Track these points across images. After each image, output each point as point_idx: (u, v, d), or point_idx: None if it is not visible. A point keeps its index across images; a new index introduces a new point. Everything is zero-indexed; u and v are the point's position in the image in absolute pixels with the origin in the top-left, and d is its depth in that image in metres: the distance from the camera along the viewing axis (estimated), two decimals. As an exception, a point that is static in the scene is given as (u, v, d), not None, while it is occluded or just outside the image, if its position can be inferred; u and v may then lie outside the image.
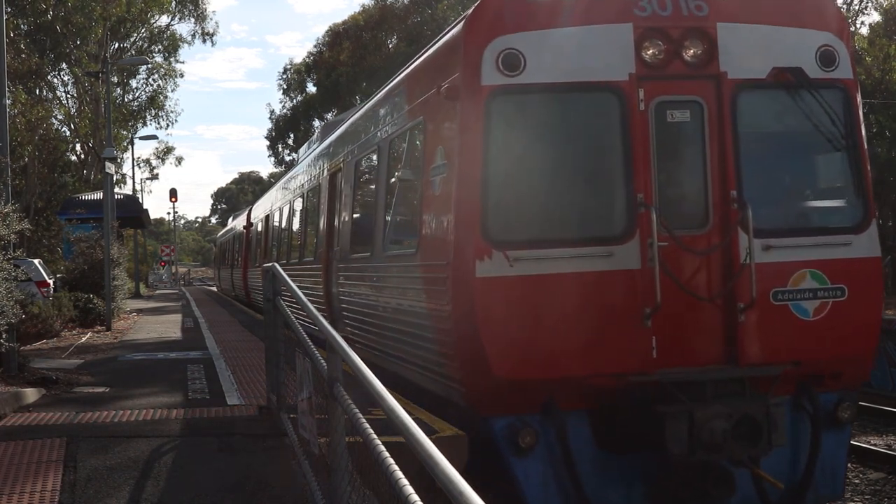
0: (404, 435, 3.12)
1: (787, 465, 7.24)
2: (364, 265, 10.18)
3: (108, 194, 21.79)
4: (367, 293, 10.01)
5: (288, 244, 17.81)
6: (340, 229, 11.78)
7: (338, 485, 4.63)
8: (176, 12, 50.14)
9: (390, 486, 3.07)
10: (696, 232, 7.09)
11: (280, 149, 67.77)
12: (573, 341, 6.80)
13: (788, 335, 7.10)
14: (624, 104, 6.98)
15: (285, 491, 6.06)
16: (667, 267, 6.81)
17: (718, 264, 7.08)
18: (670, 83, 7.12)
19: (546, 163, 7.26)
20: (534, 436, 6.80)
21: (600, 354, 6.82)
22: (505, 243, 6.80)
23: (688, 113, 7.15)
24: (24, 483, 6.29)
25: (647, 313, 6.79)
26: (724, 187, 7.08)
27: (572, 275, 6.87)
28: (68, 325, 18.53)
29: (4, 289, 10.02)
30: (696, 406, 6.59)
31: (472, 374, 6.92)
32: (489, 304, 6.75)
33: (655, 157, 7.02)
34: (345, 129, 12.56)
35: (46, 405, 9.37)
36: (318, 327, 5.27)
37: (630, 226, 6.94)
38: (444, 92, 7.23)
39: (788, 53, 7.27)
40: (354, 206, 11.39)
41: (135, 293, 40.15)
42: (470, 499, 2.44)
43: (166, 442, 7.42)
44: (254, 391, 10.00)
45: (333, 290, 11.99)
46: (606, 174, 7.27)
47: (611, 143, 7.13)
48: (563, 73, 6.99)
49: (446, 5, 49.78)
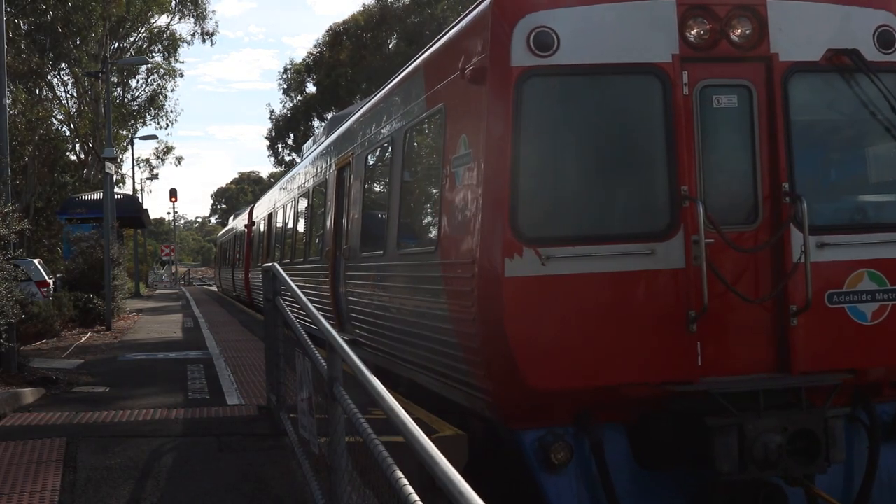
0: (404, 435, 3.12)
1: (841, 482, 6.66)
2: (375, 264, 9.66)
3: (108, 194, 21.79)
4: (379, 294, 9.50)
5: (292, 243, 17.35)
6: (349, 227, 11.23)
7: (338, 485, 4.63)
8: (176, 12, 50.16)
9: (390, 486, 3.07)
10: (745, 228, 6.53)
11: (280, 149, 67.73)
12: (610, 347, 6.24)
13: (844, 341, 6.52)
14: (666, 88, 6.41)
15: (285, 491, 6.06)
16: (714, 266, 6.27)
17: (768, 263, 6.52)
18: (716, 66, 6.55)
19: (581, 151, 6.73)
20: (567, 450, 6.26)
21: (640, 362, 6.27)
22: (537, 240, 6.24)
23: (735, 98, 6.58)
24: (24, 483, 6.29)
25: (692, 317, 6.24)
26: (775, 179, 6.52)
27: (610, 275, 6.31)
28: (68, 325, 18.54)
29: (4, 289, 10.02)
30: (747, 419, 6.05)
31: (500, 384, 6.35)
32: (519, 306, 6.17)
33: (700, 146, 6.47)
34: (353, 122, 11.94)
35: (46, 405, 9.37)
36: (319, 327, 5.26)
37: (673, 221, 6.36)
38: (468, 75, 6.69)
39: (844, 34, 6.69)
40: (364, 201, 10.75)
41: (135, 293, 40.14)
42: (470, 499, 2.44)
43: (166, 442, 7.42)
44: (254, 391, 10.01)
45: (341, 291, 11.51)
46: (647, 164, 6.64)
47: (652, 130, 6.53)
48: (600, 53, 6.39)
49: (446, 5, 49.78)
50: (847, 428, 6.49)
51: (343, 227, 11.63)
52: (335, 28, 59.46)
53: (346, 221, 11.45)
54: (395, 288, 8.87)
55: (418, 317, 7.95)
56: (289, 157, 65.26)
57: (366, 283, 10.11)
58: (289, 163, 62.27)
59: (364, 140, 10.83)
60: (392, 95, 9.67)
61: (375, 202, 10.63)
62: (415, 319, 8.07)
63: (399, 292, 8.75)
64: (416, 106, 8.45)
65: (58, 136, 40.21)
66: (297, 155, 61.48)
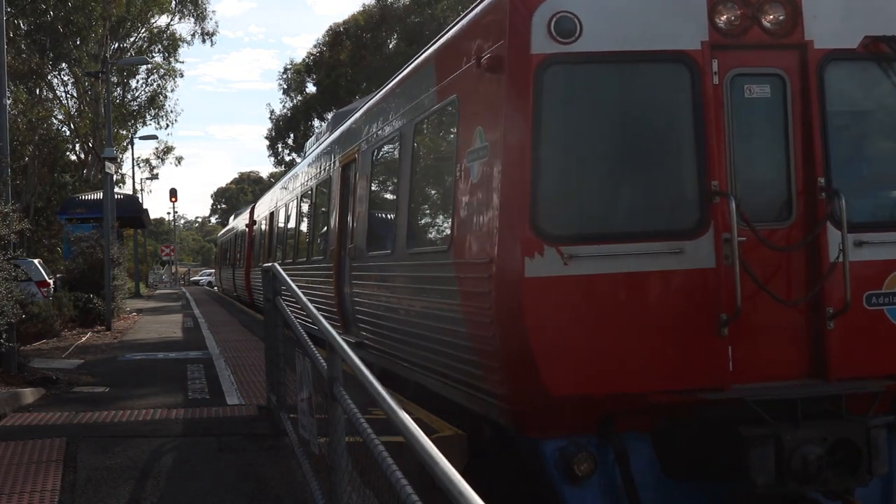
0: (404, 435, 3.12)
1: (880, 495, 6.31)
2: (383, 264, 9.31)
3: (108, 194, 21.80)
4: (387, 295, 9.12)
5: (294, 242, 16.99)
6: (354, 225, 10.82)
7: (338, 485, 4.63)
8: (176, 12, 50.16)
9: (390, 486, 3.07)
10: (777, 225, 6.18)
11: (280, 149, 67.71)
12: (636, 352, 5.90)
13: (883, 345, 6.18)
14: (695, 77, 6.06)
15: (285, 491, 6.06)
16: (748, 266, 5.94)
17: (803, 263, 6.17)
18: (748, 53, 6.19)
19: (605, 144, 6.37)
20: (591, 461, 5.91)
21: (668, 367, 5.93)
22: (559, 238, 5.89)
23: (768, 88, 6.22)
24: (24, 483, 6.29)
25: (724, 320, 5.89)
26: (810, 174, 6.15)
27: (635, 275, 5.97)
28: (68, 325, 18.54)
29: (4, 289, 10.02)
30: (785, 429, 5.69)
31: (519, 390, 6.02)
32: (540, 308, 5.84)
33: (731, 139, 6.12)
34: (358, 117, 11.50)
35: (46, 405, 9.37)
36: (318, 327, 5.26)
37: (703, 218, 6.02)
38: (485, 64, 6.31)
39: (883, 20, 6.31)
40: (371, 199, 10.35)
41: (135, 293, 40.14)
42: (470, 499, 2.44)
43: (166, 442, 7.42)
44: (254, 391, 10.01)
45: (346, 292, 11.17)
46: (674, 158, 6.29)
47: (680, 121, 6.19)
48: (625, 40, 6.06)
49: (446, 5, 49.77)
50: (888, 438, 6.05)
51: (348, 225, 11.29)
52: (335, 28, 59.45)
53: (352, 220, 11.08)
54: (404, 289, 8.53)
55: (429, 318, 7.62)
56: (289, 157, 65.27)
57: (372, 283, 9.79)
58: (289, 163, 62.26)
59: (370, 135, 10.47)
60: (400, 88, 9.32)
61: (383, 199, 10.25)
62: (425, 321, 7.74)
63: (408, 293, 8.40)
64: (426, 98, 8.10)
65: (58, 136, 40.24)
66: (297, 155, 61.49)
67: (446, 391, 7.54)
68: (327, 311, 11.64)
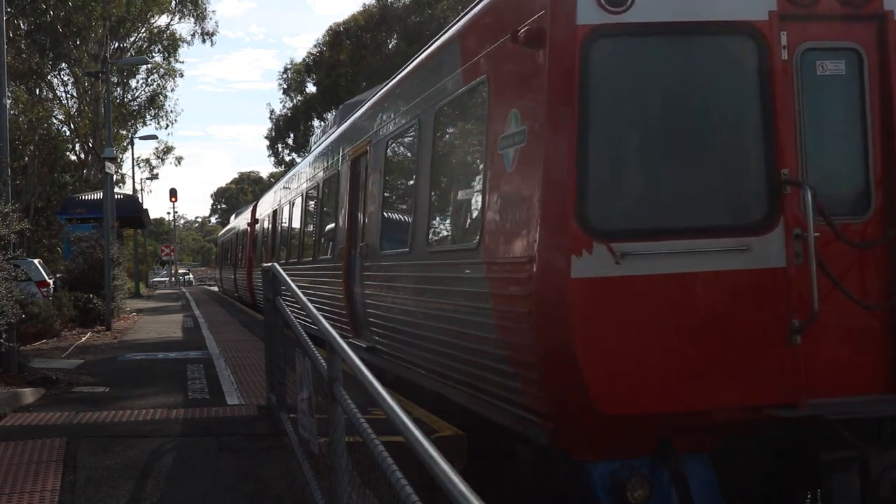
0: (404, 435, 3.11)
1: None
2: (399, 264, 8.61)
3: (108, 194, 21.79)
4: (403, 297, 8.43)
5: (299, 241, 16.19)
6: (366, 222, 10.09)
7: (338, 485, 4.63)
8: (176, 12, 50.18)
9: (390, 486, 3.07)
10: (853, 219, 5.50)
11: (280, 149, 67.73)
12: (698, 364, 5.25)
13: None
14: (762, 51, 5.41)
15: (285, 491, 6.06)
16: (824, 265, 5.31)
17: (883, 261, 5.50)
18: (821, 25, 5.55)
19: (660, 126, 5.66)
20: (646, 487, 5.32)
21: (732, 381, 5.28)
22: (609, 234, 5.23)
23: (842, 64, 5.57)
24: (24, 483, 6.28)
25: (797, 326, 5.27)
26: (891, 161, 5.49)
27: (695, 275, 5.31)
28: (68, 325, 18.53)
29: (4, 289, 10.02)
30: (871, 451, 5.12)
31: (564, 407, 5.36)
32: (589, 313, 5.18)
33: (802, 121, 5.48)
34: (370, 107, 10.75)
35: (46, 405, 9.36)
36: (318, 327, 5.25)
37: (772, 211, 5.36)
38: (522, 38, 5.61)
39: None
40: (385, 193, 9.58)
41: (135, 293, 40.14)
42: (470, 499, 2.44)
43: (166, 442, 7.41)
44: (254, 391, 10.00)
45: (357, 293, 10.46)
46: (739, 142, 5.60)
47: (744, 101, 5.53)
48: (683, 9, 5.41)
49: (446, 5, 49.76)
50: None
51: (359, 223, 10.58)
52: (335, 28, 59.46)
53: (363, 216, 10.38)
54: (424, 290, 7.79)
55: (453, 323, 6.91)
56: (289, 157, 65.33)
57: (387, 284, 9.09)
58: (289, 163, 62.28)
59: (383, 126, 9.69)
60: (417, 73, 8.60)
61: (398, 194, 9.50)
62: (448, 326, 7.04)
63: (428, 295, 7.64)
64: (449, 82, 7.39)
65: (58, 136, 40.26)
66: (297, 155, 61.57)
67: (472, 403, 6.87)
68: (335, 314, 11.25)
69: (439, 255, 7.51)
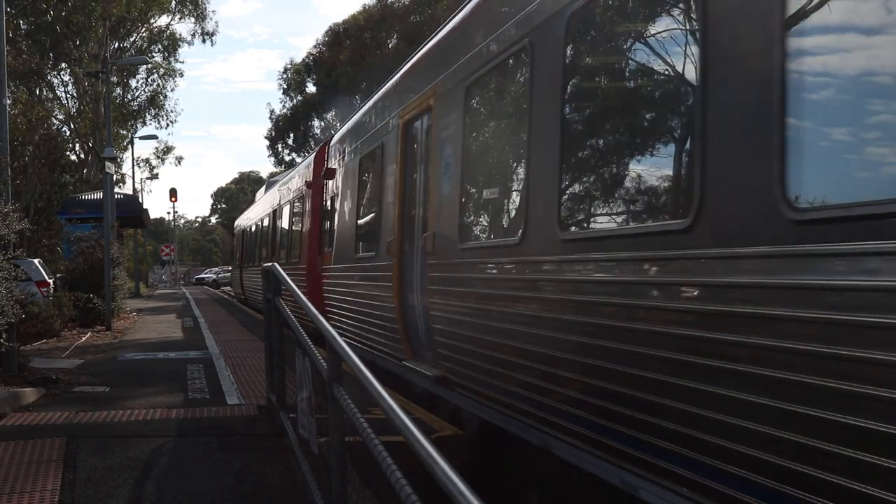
0: (404, 435, 3.11)
1: None
2: (498, 262, 6.34)
3: (108, 194, 21.80)
4: (510, 311, 6.01)
5: (331, 232, 12.74)
6: (434, 203, 7.71)
7: (338, 485, 4.63)
8: (176, 12, 50.20)
9: (390, 486, 3.07)
10: None
11: (280, 149, 67.77)
12: None
13: None
14: None
15: (285, 491, 6.06)
16: None
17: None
18: None
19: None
20: None
21: None
22: None
23: None
24: (24, 483, 6.29)
25: None
26: None
27: None
28: (68, 324, 18.54)
29: (4, 289, 10.02)
30: None
31: None
32: None
33: None
34: (436, 46, 8.27)
35: (46, 405, 9.37)
36: (317, 325, 5.25)
37: None
38: None
39: None
40: (466, 160, 7.08)
41: (135, 293, 40.14)
42: (470, 499, 2.44)
43: (166, 442, 7.42)
44: (254, 391, 10.01)
45: (416, 302, 8.14)
46: None
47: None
48: None
49: (446, 5, 49.77)
50: None
51: (418, 205, 8.31)
52: (335, 28, 59.49)
53: (424, 195, 8.09)
54: (558, 302, 5.37)
55: (621, 357, 4.56)
56: (289, 157, 65.36)
57: (474, 290, 6.70)
58: (288, 163, 62.28)
59: (463, 65, 7.17)
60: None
61: (495, 159, 6.72)
62: (613, 359, 4.64)
63: (565, 311, 5.27)
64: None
65: (58, 136, 40.24)
66: (297, 155, 61.55)
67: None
68: (378, 330, 9.21)
69: (587, 247, 5.08)
